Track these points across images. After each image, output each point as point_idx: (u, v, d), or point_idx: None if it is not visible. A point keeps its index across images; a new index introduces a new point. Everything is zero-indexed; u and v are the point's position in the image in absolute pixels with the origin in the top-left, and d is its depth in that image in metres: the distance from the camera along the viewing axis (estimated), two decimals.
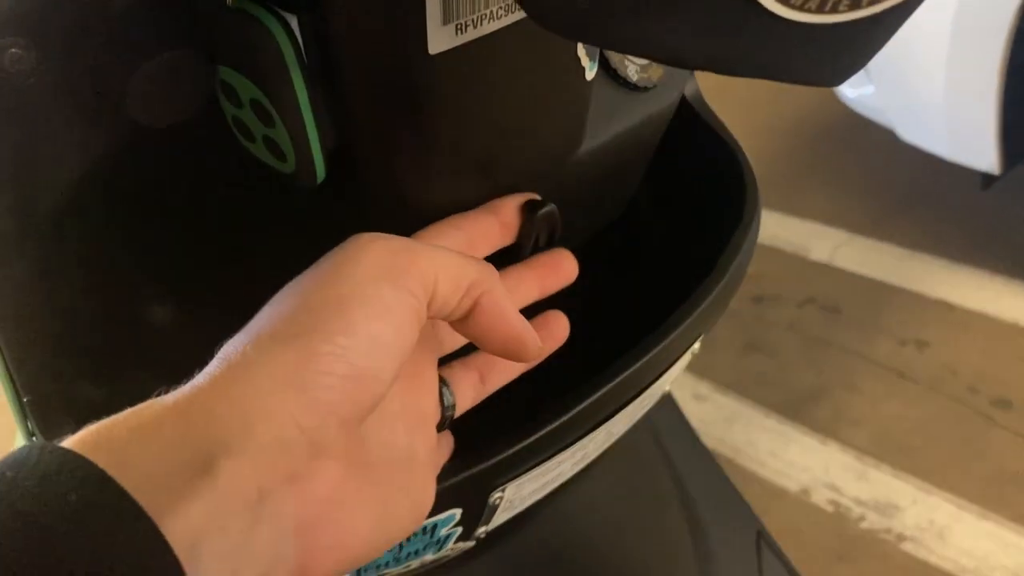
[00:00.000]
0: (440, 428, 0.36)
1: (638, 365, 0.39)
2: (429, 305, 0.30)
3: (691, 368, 1.62)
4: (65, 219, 0.41)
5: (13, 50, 0.31)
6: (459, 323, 0.33)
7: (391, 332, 0.29)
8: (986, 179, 1.61)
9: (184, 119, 0.34)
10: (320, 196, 0.36)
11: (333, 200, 0.37)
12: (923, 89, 1.57)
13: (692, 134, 0.52)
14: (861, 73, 1.74)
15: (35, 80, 0.33)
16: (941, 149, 1.62)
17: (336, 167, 0.35)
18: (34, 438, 0.43)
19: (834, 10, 0.24)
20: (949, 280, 1.71)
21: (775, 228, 1.95)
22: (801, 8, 0.23)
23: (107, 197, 0.40)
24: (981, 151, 1.54)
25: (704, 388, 1.58)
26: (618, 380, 0.39)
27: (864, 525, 1.30)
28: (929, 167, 1.77)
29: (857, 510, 1.32)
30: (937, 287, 1.70)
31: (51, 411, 0.40)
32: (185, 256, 0.46)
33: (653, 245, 0.52)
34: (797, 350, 1.64)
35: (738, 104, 2.29)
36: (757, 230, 0.47)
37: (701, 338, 0.46)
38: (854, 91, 1.78)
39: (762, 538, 0.78)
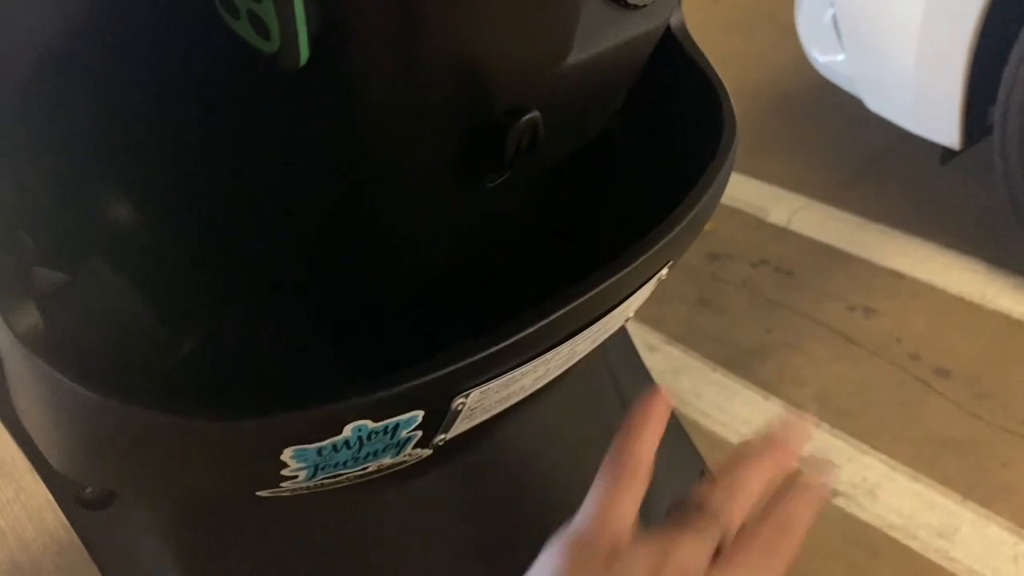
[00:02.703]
0: None
1: (603, 286, 0.40)
2: None
3: (644, 319, 1.64)
4: (32, 96, 0.40)
5: None
6: None
7: None
8: (945, 154, 1.64)
9: None
10: (299, 81, 0.35)
11: (312, 87, 0.36)
12: (893, 60, 1.58)
13: (674, 66, 0.52)
14: (834, 40, 1.75)
15: None
16: (906, 121, 1.64)
17: (319, 53, 0.34)
18: None
19: None
20: (901, 251, 1.75)
21: (736, 189, 1.97)
22: None
23: (76, 73, 0.39)
24: (944, 126, 1.56)
25: (656, 339, 1.61)
26: (583, 299, 0.39)
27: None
28: (891, 139, 1.80)
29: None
30: (889, 257, 1.74)
31: (9, 285, 0.39)
32: (149, 147, 0.45)
33: (630, 170, 0.52)
34: (748, 308, 1.67)
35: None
36: (731, 164, 0.47)
37: (670, 265, 0.47)
38: (825, 57, 1.79)
39: (705, 477, 0.80)
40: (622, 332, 0.80)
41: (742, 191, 1.96)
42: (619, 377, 0.76)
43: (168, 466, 0.41)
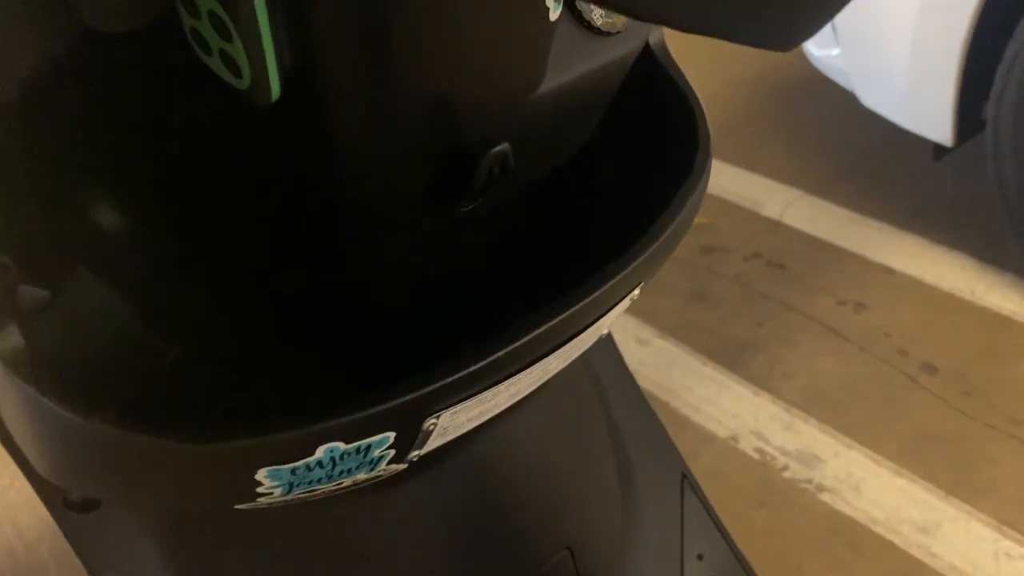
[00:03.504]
0: None
1: (573, 310, 0.40)
2: None
3: (636, 313, 1.65)
4: (16, 115, 0.40)
5: None
6: None
7: None
8: (938, 151, 1.64)
9: (141, 26, 0.34)
10: (274, 113, 0.36)
11: (286, 119, 0.37)
12: (887, 56, 1.58)
13: (653, 84, 0.52)
14: (829, 34, 1.75)
15: None
16: (899, 117, 1.64)
17: (292, 88, 0.35)
18: None
19: None
20: (892, 246, 1.76)
21: (731, 182, 1.98)
22: None
23: (59, 98, 0.40)
24: (937, 122, 1.56)
25: (647, 333, 1.62)
26: (549, 325, 0.40)
27: (787, 474, 1.35)
28: (885, 134, 1.80)
29: (781, 459, 1.38)
30: (880, 252, 1.75)
31: None
32: (133, 163, 0.45)
33: (604, 189, 0.53)
34: (740, 302, 1.68)
35: (707, 54, 2.29)
36: (704, 189, 0.48)
37: (641, 286, 0.48)
38: (820, 51, 1.79)
39: (686, 480, 0.81)
40: (613, 352, 0.81)
41: (737, 184, 1.97)
42: (602, 382, 0.77)
43: (144, 481, 0.42)
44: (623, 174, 0.53)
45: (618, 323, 1.79)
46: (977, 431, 1.38)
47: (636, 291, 0.48)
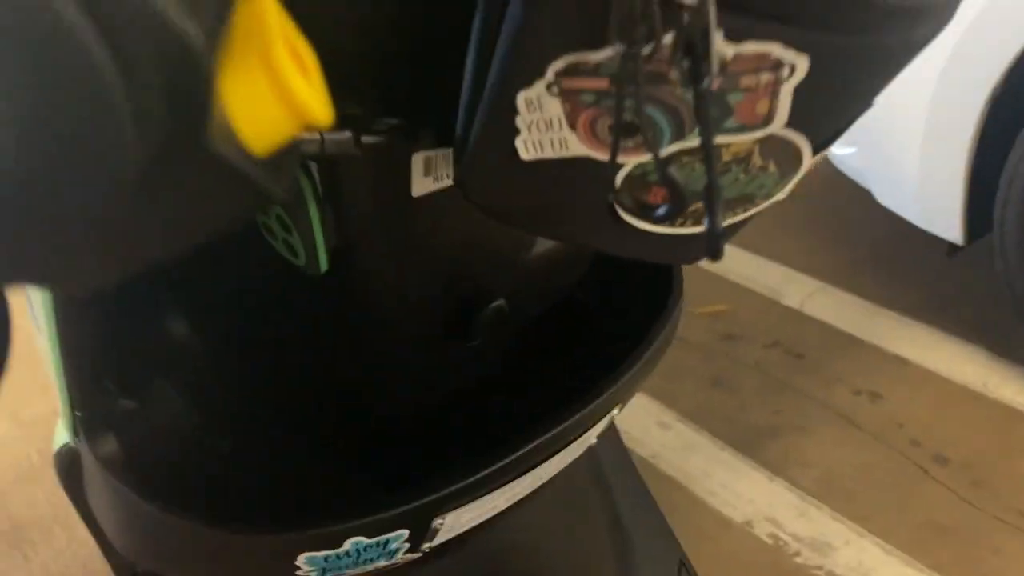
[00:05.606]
0: None
1: (556, 431, 0.50)
2: None
3: (657, 396, 1.73)
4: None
5: None
6: None
7: None
8: (951, 248, 1.71)
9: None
10: (320, 280, 0.47)
11: (332, 283, 0.48)
12: (899, 157, 1.67)
13: None
14: (846, 133, 1.84)
15: None
16: (912, 216, 1.72)
17: (336, 262, 0.46)
18: (78, 438, 0.54)
19: (682, 225, 0.34)
20: (908, 337, 1.82)
21: (753, 271, 2.06)
22: (657, 223, 0.34)
23: None
24: (948, 223, 1.64)
25: (669, 417, 1.69)
26: (533, 445, 0.50)
27: (798, 560, 1.41)
28: (901, 228, 1.88)
29: (794, 545, 1.43)
30: (896, 343, 1.81)
31: (97, 421, 0.51)
32: (212, 300, 0.57)
33: (589, 325, 0.63)
34: (759, 389, 1.74)
35: None
36: (674, 328, 0.57)
37: (620, 406, 0.57)
38: (838, 149, 1.88)
39: (683, 567, 0.88)
40: (616, 442, 0.90)
41: (758, 272, 2.05)
42: (606, 474, 0.86)
43: (206, 561, 0.52)
44: (605, 310, 0.63)
45: (640, 406, 1.84)
46: (984, 522, 1.42)
47: (616, 410, 0.57)
